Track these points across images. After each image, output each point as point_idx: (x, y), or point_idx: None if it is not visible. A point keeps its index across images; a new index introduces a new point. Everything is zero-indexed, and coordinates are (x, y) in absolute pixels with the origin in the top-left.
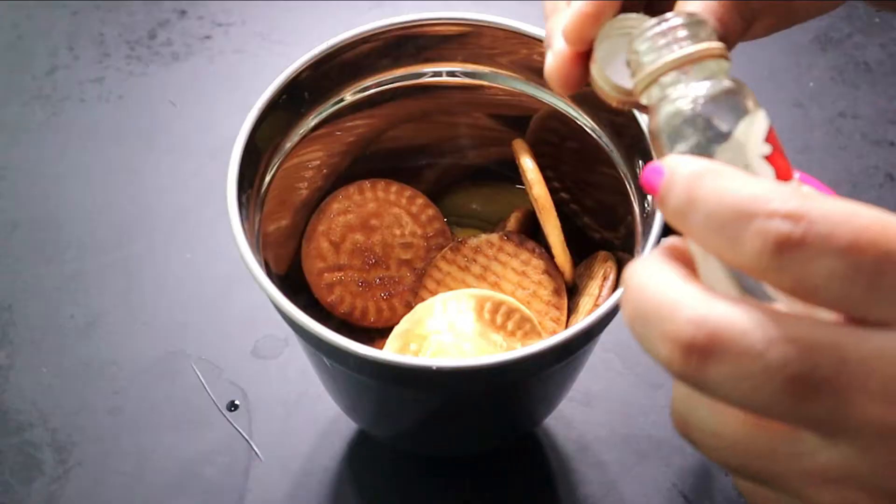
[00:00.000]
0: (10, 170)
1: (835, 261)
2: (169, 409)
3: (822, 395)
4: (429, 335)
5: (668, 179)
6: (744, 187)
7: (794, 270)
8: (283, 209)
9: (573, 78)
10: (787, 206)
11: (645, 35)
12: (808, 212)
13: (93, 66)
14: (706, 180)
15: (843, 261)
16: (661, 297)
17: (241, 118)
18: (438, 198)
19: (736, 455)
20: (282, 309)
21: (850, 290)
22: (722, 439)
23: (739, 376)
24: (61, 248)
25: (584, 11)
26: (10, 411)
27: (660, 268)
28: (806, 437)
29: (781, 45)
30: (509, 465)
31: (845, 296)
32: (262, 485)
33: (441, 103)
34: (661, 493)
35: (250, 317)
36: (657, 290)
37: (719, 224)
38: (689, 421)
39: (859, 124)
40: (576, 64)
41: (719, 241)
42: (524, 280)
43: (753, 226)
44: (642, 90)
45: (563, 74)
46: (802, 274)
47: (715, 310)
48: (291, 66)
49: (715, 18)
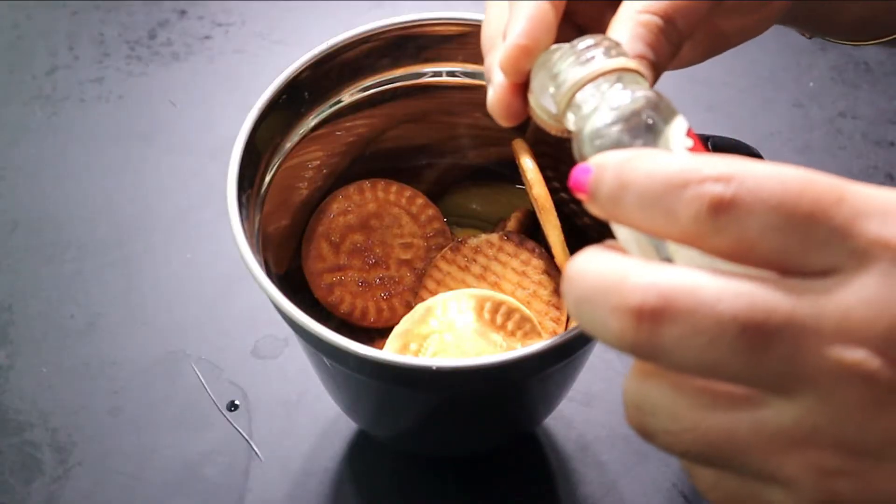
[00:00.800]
0: (10, 170)
1: (768, 215)
2: (169, 409)
3: (776, 343)
4: (429, 335)
5: (596, 172)
6: (673, 162)
7: (731, 230)
8: (283, 209)
9: (514, 109)
10: (717, 170)
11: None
12: (736, 172)
13: (93, 66)
14: (635, 163)
15: (775, 213)
16: (604, 274)
17: (241, 118)
18: (438, 198)
19: (696, 438)
20: (282, 309)
21: (786, 242)
22: (680, 421)
23: (693, 334)
24: (61, 248)
25: (517, 44)
26: (10, 411)
27: (597, 253)
28: (765, 399)
29: (781, 45)
30: (509, 465)
31: (782, 249)
32: (262, 485)
33: (441, 103)
34: (661, 493)
35: (250, 317)
36: (599, 269)
37: (653, 199)
38: (643, 408)
39: (859, 124)
40: (515, 96)
41: (654, 217)
42: (524, 280)
43: (687, 193)
44: (565, 108)
45: (504, 106)
46: (739, 232)
47: (662, 273)
48: (291, 66)
49: (643, 44)
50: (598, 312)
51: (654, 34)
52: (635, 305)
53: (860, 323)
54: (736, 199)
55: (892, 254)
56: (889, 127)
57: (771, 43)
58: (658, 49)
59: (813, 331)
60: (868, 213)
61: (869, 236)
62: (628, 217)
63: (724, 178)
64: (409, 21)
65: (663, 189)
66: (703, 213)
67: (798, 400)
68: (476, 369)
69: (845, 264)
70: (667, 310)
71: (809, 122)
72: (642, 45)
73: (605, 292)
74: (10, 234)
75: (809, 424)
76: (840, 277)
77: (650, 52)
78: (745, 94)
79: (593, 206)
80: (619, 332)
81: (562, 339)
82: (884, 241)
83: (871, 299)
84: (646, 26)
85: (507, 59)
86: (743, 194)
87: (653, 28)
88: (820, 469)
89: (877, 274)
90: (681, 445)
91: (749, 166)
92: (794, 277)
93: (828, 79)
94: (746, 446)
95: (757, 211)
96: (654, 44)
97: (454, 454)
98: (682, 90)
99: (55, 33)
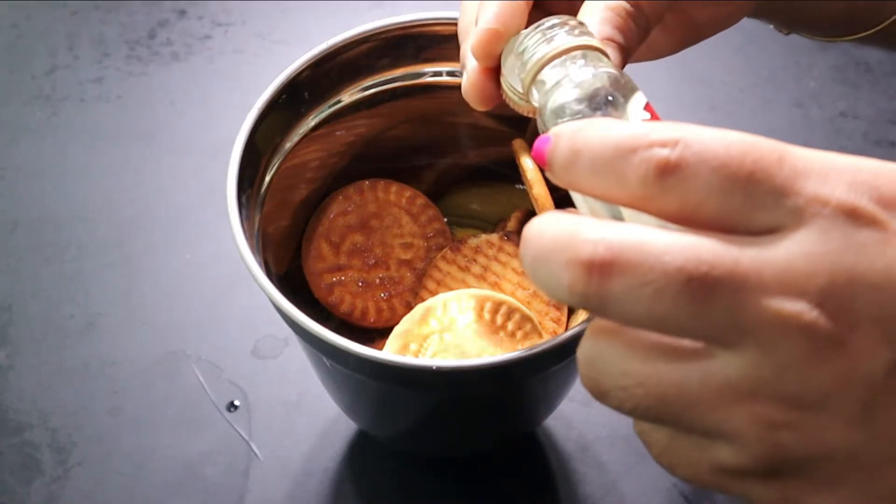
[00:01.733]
0: (10, 170)
1: (712, 176)
2: (169, 409)
3: (719, 294)
4: (429, 335)
5: (553, 141)
6: (623, 129)
7: (677, 192)
8: (283, 209)
9: (486, 93)
10: (664, 135)
11: (526, 38)
12: (682, 137)
13: (92, 66)
14: (587, 131)
15: (719, 174)
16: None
17: (241, 118)
18: (438, 198)
19: (647, 393)
20: (282, 309)
21: (729, 203)
22: (631, 376)
23: (640, 285)
24: (61, 248)
25: (487, 28)
26: (9, 411)
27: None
28: (712, 352)
29: (781, 45)
30: (509, 465)
31: (726, 209)
32: (261, 485)
33: (441, 103)
34: (661, 493)
35: (250, 317)
36: (554, 228)
37: (604, 164)
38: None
39: (860, 124)
40: (488, 79)
41: (605, 181)
42: (524, 280)
43: (636, 158)
44: (529, 83)
45: (477, 91)
46: (684, 194)
47: (612, 229)
48: (291, 66)
49: (612, 27)
50: (552, 267)
51: (623, 18)
52: (585, 258)
53: (799, 276)
54: (681, 161)
55: (829, 210)
56: (889, 127)
57: (771, 43)
58: (626, 32)
59: (754, 283)
60: (807, 173)
61: (808, 194)
62: (581, 183)
63: (670, 142)
64: (409, 21)
65: (613, 154)
66: (650, 176)
67: (742, 352)
68: (476, 369)
69: (786, 222)
70: (615, 262)
71: (810, 122)
72: (610, 28)
73: (557, 249)
74: (10, 234)
75: (753, 377)
76: (782, 234)
77: (619, 35)
78: (745, 94)
79: (551, 175)
80: (570, 284)
81: (562, 339)
82: (822, 199)
83: (809, 253)
84: (614, 10)
85: (478, 42)
86: (688, 157)
87: (621, 12)
88: (764, 421)
89: (816, 230)
90: (631, 401)
91: (696, 131)
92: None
93: (828, 79)
94: (695, 400)
95: (701, 173)
96: (623, 27)
97: (454, 454)
98: (682, 90)
99: (55, 33)
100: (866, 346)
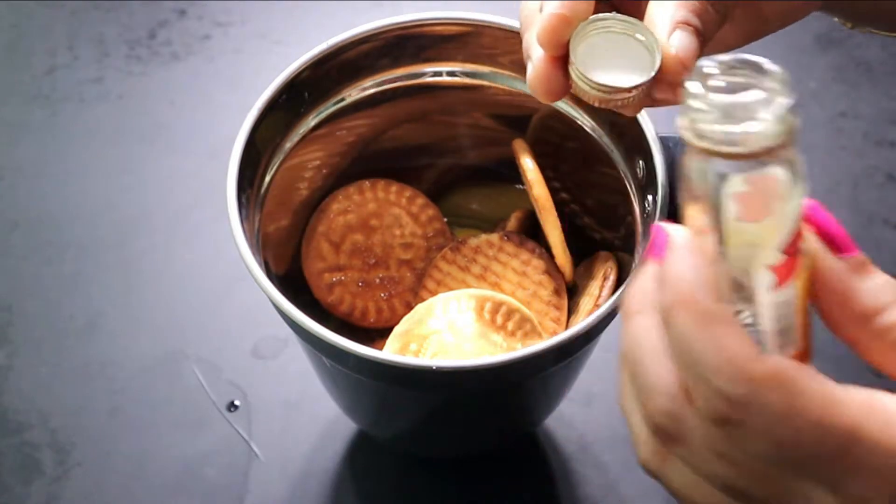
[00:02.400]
0: (10, 170)
1: (766, 449)
2: (169, 410)
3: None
4: (429, 335)
5: (664, 270)
6: (719, 347)
7: (729, 443)
8: (283, 209)
9: (554, 84)
10: (737, 391)
11: (707, 90)
12: (752, 404)
13: (92, 65)
14: (679, 313)
15: (773, 452)
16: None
17: (241, 118)
18: (438, 198)
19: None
20: (282, 309)
21: (771, 476)
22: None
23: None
24: (61, 248)
25: (556, 14)
26: (9, 411)
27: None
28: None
29: (782, 44)
30: (509, 466)
31: (765, 477)
32: (261, 485)
33: (441, 103)
34: (661, 493)
35: (250, 317)
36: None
37: (685, 352)
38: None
39: (860, 124)
40: (556, 69)
41: (683, 361)
42: (524, 280)
43: (710, 386)
44: (696, 146)
45: (544, 81)
46: (736, 452)
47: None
48: (291, 66)
49: (687, 10)
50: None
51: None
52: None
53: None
54: (742, 425)
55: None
56: (890, 127)
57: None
58: (704, 16)
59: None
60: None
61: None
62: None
63: (740, 402)
64: (409, 21)
65: (694, 361)
66: (709, 415)
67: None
68: (476, 369)
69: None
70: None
71: (810, 122)
72: (686, 11)
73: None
74: (10, 234)
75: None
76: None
77: (695, 19)
78: None
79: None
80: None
81: (562, 339)
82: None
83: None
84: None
85: (544, 29)
86: (748, 422)
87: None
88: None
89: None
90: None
91: (769, 399)
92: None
93: (829, 79)
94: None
95: (758, 445)
96: (700, 11)
97: (454, 454)
98: None
99: (54, 33)
100: None
